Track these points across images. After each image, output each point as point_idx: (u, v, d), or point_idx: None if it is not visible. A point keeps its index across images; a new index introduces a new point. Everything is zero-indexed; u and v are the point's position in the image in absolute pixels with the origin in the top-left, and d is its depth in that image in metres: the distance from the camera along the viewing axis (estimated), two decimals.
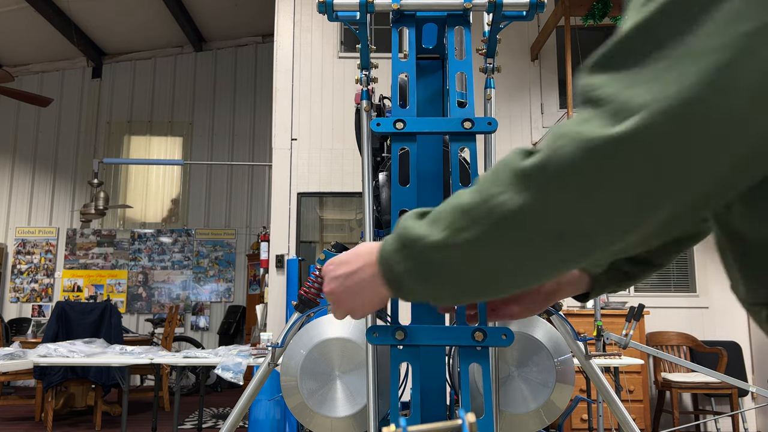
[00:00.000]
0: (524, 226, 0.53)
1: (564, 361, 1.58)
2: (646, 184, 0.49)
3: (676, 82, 0.47)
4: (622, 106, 0.49)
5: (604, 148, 0.49)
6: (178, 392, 4.06)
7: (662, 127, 0.47)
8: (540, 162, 0.52)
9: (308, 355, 1.56)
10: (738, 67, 0.46)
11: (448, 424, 0.45)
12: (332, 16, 1.53)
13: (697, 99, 0.47)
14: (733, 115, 0.47)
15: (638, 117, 0.48)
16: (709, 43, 0.47)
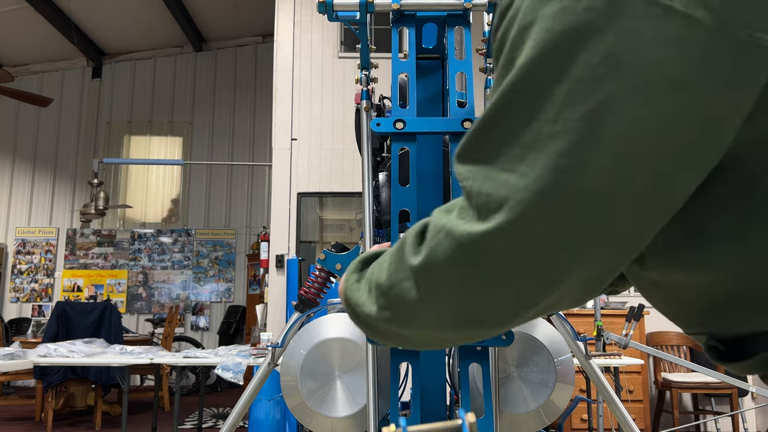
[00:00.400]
0: (424, 315, 0.56)
1: (564, 361, 1.58)
2: (523, 273, 0.49)
3: (528, 171, 0.46)
4: (485, 202, 0.48)
5: (475, 244, 0.48)
6: (178, 392, 4.06)
7: (525, 219, 0.46)
8: (423, 262, 0.53)
9: (308, 355, 1.56)
10: (584, 149, 0.45)
11: (448, 424, 0.45)
12: (332, 16, 1.53)
13: (549, 187, 0.45)
14: (588, 194, 0.45)
15: (501, 214, 0.47)
16: (555, 127, 0.45)
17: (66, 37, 8.39)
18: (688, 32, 0.43)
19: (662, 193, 0.46)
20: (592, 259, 0.48)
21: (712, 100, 0.44)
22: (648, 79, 0.43)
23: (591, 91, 0.44)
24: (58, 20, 7.95)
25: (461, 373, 1.32)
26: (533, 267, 0.48)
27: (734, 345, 0.59)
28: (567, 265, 0.48)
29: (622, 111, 0.44)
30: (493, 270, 0.49)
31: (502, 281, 0.49)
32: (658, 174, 0.45)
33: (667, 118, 0.44)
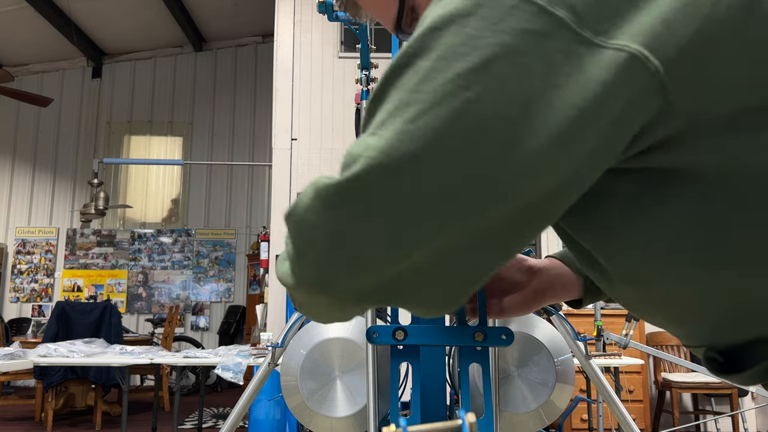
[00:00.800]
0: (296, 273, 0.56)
1: (564, 361, 1.58)
2: (366, 232, 0.48)
3: (383, 134, 0.47)
4: (345, 162, 0.49)
5: (325, 196, 0.50)
6: (178, 392, 4.06)
7: (367, 175, 0.47)
8: (288, 212, 0.54)
9: (308, 355, 1.56)
10: (429, 118, 0.46)
11: (449, 424, 0.45)
12: (332, 16, 1.53)
13: (391, 148, 0.46)
14: (426, 160, 0.46)
15: (349, 170, 0.48)
16: (412, 96, 0.48)
17: (66, 37, 8.40)
18: (545, 27, 0.46)
19: (502, 174, 0.46)
20: (429, 230, 0.47)
21: (561, 93, 0.46)
22: (500, 63, 0.46)
23: (448, 67, 0.47)
24: (58, 20, 7.95)
25: (461, 373, 1.32)
26: (374, 226, 0.48)
27: (733, 356, 0.58)
28: (410, 231, 0.48)
29: (471, 87, 0.46)
30: (337, 226, 0.49)
31: (346, 240, 0.49)
32: (493, 155, 0.46)
33: (512, 101, 0.46)
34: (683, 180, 0.52)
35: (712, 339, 0.59)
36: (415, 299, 0.53)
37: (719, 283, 0.53)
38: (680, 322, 0.60)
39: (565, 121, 0.46)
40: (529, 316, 1.64)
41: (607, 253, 0.59)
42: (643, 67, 0.46)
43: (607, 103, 0.46)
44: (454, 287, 0.52)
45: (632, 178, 0.54)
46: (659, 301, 0.59)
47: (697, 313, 0.57)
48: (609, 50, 0.46)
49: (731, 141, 0.50)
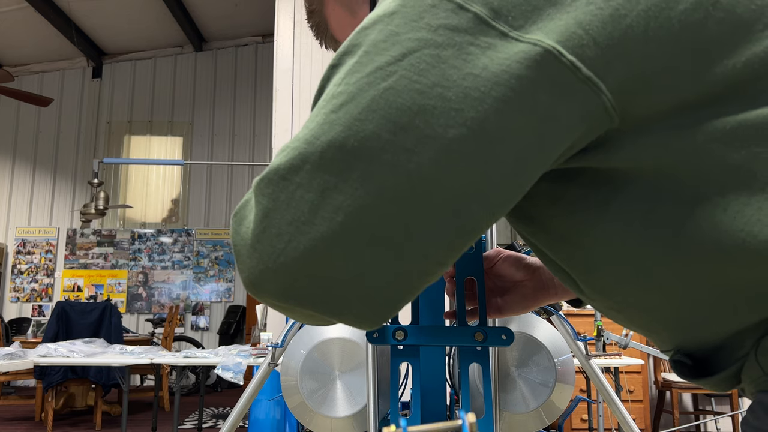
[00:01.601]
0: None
1: (564, 361, 1.58)
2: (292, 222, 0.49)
3: (309, 125, 0.50)
4: (278, 152, 0.52)
5: (250, 197, 0.52)
6: (178, 392, 4.06)
7: (289, 165, 0.49)
8: (233, 214, 0.56)
9: (308, 355, 1.56)
10: (351, 108, 0.48)
11: (449, 425, 0.45)
12: None
13: (313, 137, 0.48)
14: (348, 148, 0.47)
15: (276, 160, 0.50)
16: (337, 89, 0.50)
17: (66, 37, 8.40)
18: (461, 22, 0.48)
19: (420, 161, 0.47)
20: (337, 220, 0.48)
21: (475, 84, 0.47)
22: (417, 55, 0.48)
23: (370, 61, 0.49)
24: (58, 20, 7.95)
25: (461, 373, 1.32)
26: (295, 212, 0.48)
27: (702, 361, 0.58)
28: (314, 216, 0.48)
29: (388, 78, 0.48)
30: (260, 216, 0.50)
31: (266, 230, 0.49)
32: (411, 140, 0.47)
33: (427, 91, 0.47)
34: (625, 182, 0.52)
35: (680, 342, 0.59)
36: (337, 303, 0.51)
37: (676, 284, 0.53)
38: (648, 325, 0.60)
39: (480, 110, 0.46)
40: (529, 316, 1.64)
41: (565, 261, 0.59)
42: (558, 61, 0.46)
43: (523, 96, 0.46)
44: (381, 280, 0.50)
45: (577, 183, 0.54)
46: (626, 307, 0.58)
47: (661, 316, 0.57)
48: (522, 43, 0.47)
49: (669, 139, 0.50)
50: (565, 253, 0.58)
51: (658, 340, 0.62)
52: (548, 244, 0.60)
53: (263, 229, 0.49)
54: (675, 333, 0.58)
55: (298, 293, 0.50)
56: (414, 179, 0.47)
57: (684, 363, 0.59)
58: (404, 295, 0.51)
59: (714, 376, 0.56)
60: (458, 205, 0.48)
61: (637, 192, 0.52)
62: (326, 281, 0.49)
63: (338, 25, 0.84)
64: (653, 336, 0.61)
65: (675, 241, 0.52)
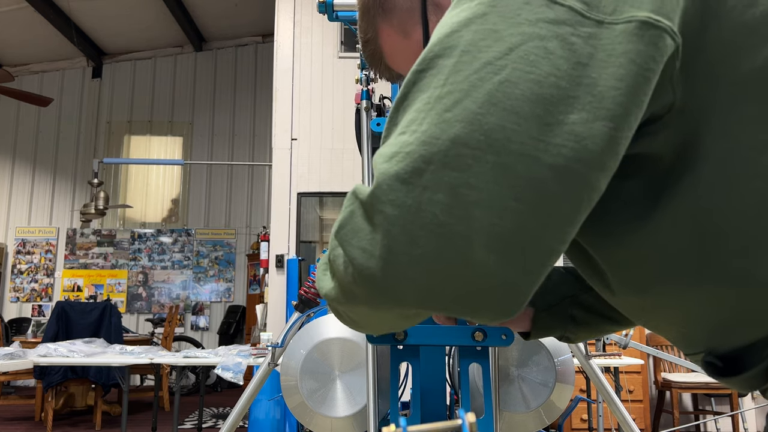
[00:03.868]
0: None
1: (564, 361, 1.58)
2: (415, 232, 0.48)
3: (418, 128, 0.50)
4: (378, 163, 0.51)
5: (365, 209, 0.51)
6: (178, 392, 4.06)
7: (411, 169, 0.48)
8: (336, 228, 0.54)
9: (308, 355, 1.56)
10: (467, 103, 0.48)
11: (448, 424, 0.45)
12: (332, 16, 1.53)
13: (433, 137, 0.48)
14: (471, 144, 0.47)
15: (390, 166, 0.49)
16: (443, 90, 0.50)
17: (66, 37, 8.39)
18: (558, 15, 0.49)
19: (540, 149, 0.48)
20: (475, 216, 0.47)
21: (587, 72, 0.49)
22: (524, 48, 0.49)
23: (474, 59, 0.50)
24: (58, 20, 7.95)
25: (461, 372, 1.32)
26: (422, 220, 0.48)
27: (731, 360, 0.59)
28: (448, 217, 0.48)
29: (500, 72, 0.48)
30: (388, 226, 0.49)
31: (397, 241, 0.49)
32: (536, 127, 0.48)
33: (543, 80, 0.48)
34: (679, 174, 0.53)
35: (711, 344, 0.59)
36: (475, 301, 0.50)
37: (721, 286, 0.54)
38: (681, 326, 0.60)
39: (595, 93, 0.48)
40: None
41: (606, 257, 0.59)
42: (655, 27, 0.49)
43: (633, 72, 0.49)
44: (520, 269, 0.50)
45: (634, 181, 0.55)
46: (660, 306, 0.59)
47: (699, 317, 0.57)
48: (619, 25, 0.49)
49: (723, 121, 0.52)
50: (608, 249, 0.59)
51: (687, 342, 0.62)
52: (592, 240, 0.60)
53: (394, 237, 0.48)
54: (711, 334, 0.58)
55: (438, 296, 0.50)
56: (543, 164, 0.47)
57: (715, 364, 0.60)
58: (534, 288, 0.51)
59: (741, 374, 0.57)
60: (585, 185, 0.49)
61: (691, 187, 0.53)
62: (466, 280, 0.49)
63: (392, 50, 0.84)
64: (683, 337, 0.62)
65: (725, 242, 0.53)
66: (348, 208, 0.53)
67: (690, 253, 0.54)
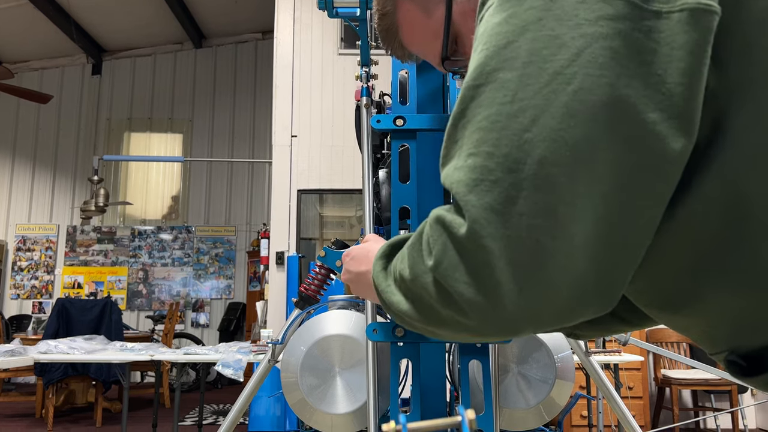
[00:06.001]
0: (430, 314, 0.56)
1: (564, 358, 1.58)
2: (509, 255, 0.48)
3: (495, 152, 0.49)
4: (458, 192, 0.50)
5: (463, 241, 0.50)
6: (178, 389, 4.07)
7: (502, 201, 0.48)
8: (434, 263, 0.53)
9: (308, 351, 1.56)
10: (546, 121, 0.47)
11: (448, 421, 0.46)
12: (332, 13, 1.53)
13: (517, 162, 0.48)
14: (559, 163, 0.47)
15: (479, 199, 0.49)
16: (512, 107, 0.49)
17: (66, 34, 8.38)
18: (617, 10, 0.48)
19: (633, 151, 0.48)
20: (575, 232, 0.48)
21: (653, 68, 0.48)
22: (590, 51, 0.48)
23: (540, 70, 0.48)
24: (57, 17, 7.94)
25: (461, 369, 1.33)
26: (525, 248, 0.48)
27: (754, 360, 0.58)
28: (550, 239, 0.48)
29: (572, 81, 0.47)
30: (491, 261, 0.49)
31: (503, 273, 0.49)
32: (619, 133, 0.47)
33: (615, 82, 0.47)
34: (709, 157, 0.52)
35: (735, 343, 0.59)
36: (587, 304, 0.51)
37: (748, 280, 0.53)
38: (705, 325, 0.60)
39: (664, 90, 0.48)
40: None
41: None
42: (706, 12, 0.49)
43: (696, 61, 0.48)
44: (611, 270, 0.51)
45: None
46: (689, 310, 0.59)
47: (724, 315, 0.57)
48: (675, 14, 0.48)
49: (755, 102, 0.51)
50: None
51: (711, 341, 0.62)
52: None
53: (501, 270, 0.48)
54: (735, 332, 0.58)
55: (551, 315, 0.50)
56: (632, 167, 0.47)
57: (738, 363, 0.60)
58: (629, 277, 0.52)
59: (765, 374, 0.57)
60: (668, 184, 0.50)
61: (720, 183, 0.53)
62: (577, 294, 0.50)
63: (410, 27, 0.82)
64: (706, 336, 0.61)
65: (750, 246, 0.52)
66: (438, 241, 0.52)
67: (720, 242, 0.53)
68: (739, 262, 0.53)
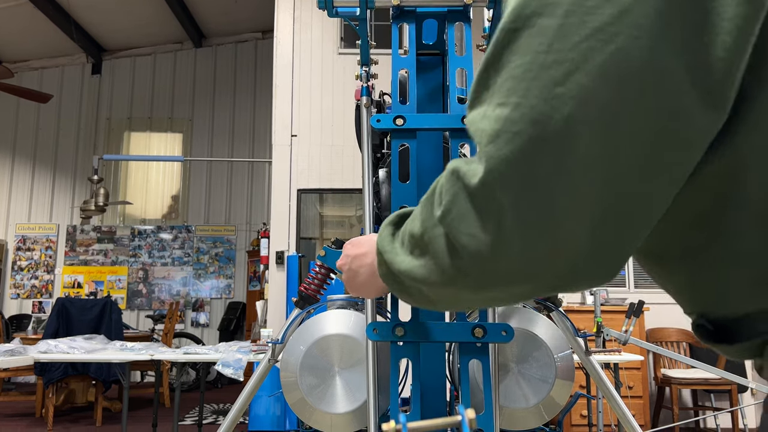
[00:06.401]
0: (448, 270, 0.54)
1: (564, 358, 1.58)
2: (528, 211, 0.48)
3: (523, 102, 0.47)
4: (482, 140, 0.49)
5: (480, 188, 0.49)
6: (178, 388, 4.07)
7: (521, 152, 0.46)
8: (443, 212, 0.52)
9: (308, 351, 1.56)
10: (578, 77, 0.46)
11: (448, 420, 0.45)
12: (332, 12, 1.53)
13: (544, 116, 0.46)
14: (584, 121, 0.46)
15: (498, 148, 0.47)
16: (547, 57, 0.47)
17: (65, 34, 8.38)
18: None
19: (660, 123, 0.46)
20: (590, 194, 0.47)
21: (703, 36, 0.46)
22: (636, 11, 0.46)
23: (582, 23, 0.46)
24: (57, 16, 7.94)
25: (461, 369, 1.32)
26: (536, 204, 0.47)
27: (723, 328, 0.58)
28: (562, 200, 0.47)
29: (613, 40, 0.45)
30: (500, 212, 0.48)
31: (510, 226, 0.48)
32: (650, 102, 0.46)
33: (660, 47, 0.45)
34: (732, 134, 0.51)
35: (702, 309, 0.59)
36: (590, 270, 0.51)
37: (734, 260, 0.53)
38: (681, 288, 0.61)
39: (711, 67, 0.46)
40: (529, 312, 1.64)
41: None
42: None
43: (742, 38, 0.46)
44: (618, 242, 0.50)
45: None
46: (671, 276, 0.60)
47: (704, 284, 0.57)
48: None
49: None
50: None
51: (684, 302, 0.62)
52: None
53: (509, 223, 0.48)
54: (705, 298, 0.58)
55: (550, 276, 0.50)
56: (661, 137, 0.46)
57: (706, 327, 0.60)
58: (633, 249, 0.52)
59: (735, 344, 0.56)
60: (690, 161, 0.49)
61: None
62: (581, 258, 0.49)
63: None
64: (680, 297, 0.62)
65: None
66: (450, 191, 0.51)
67: (716, 217, 0.52)
68: (729, 241, 0.53)
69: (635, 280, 5.56)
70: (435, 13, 1.56)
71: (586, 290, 0.54)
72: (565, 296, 5.35)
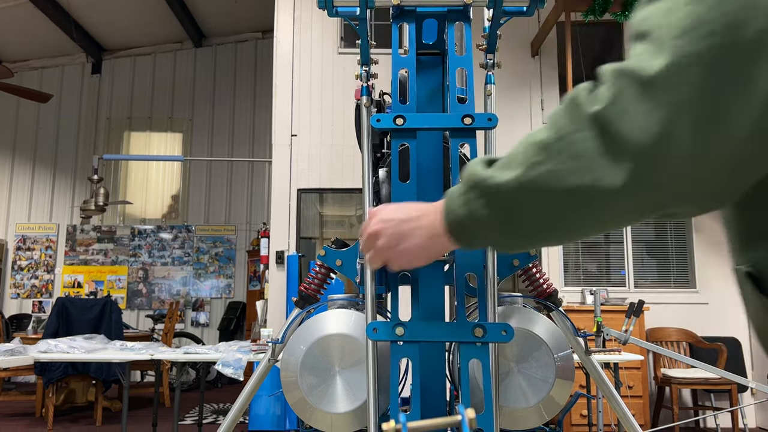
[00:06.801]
0: (595, 163, 0.54)
1: (564, 357, 1.58)
2: (702, 107, 0.48)
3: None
4: (658, 41, 0.49)
5: (652, 82, 0.49)
6: (178, 388, 4.07)
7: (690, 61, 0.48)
8: (604, 109, 0.52)
9: (308, 351, 1.56)
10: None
11: (448, 420, 0.45)
12: (332, 12, 1.53)
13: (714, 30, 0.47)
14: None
15: (677, 50, 0.48)
16: None
17: (65, 33, 8.38)
18: None
19: None
20: (756, 106, 0.48)
21: None
22: None
23: None
24: (57, 16, 7.94)
25: (461, 368, 1.33)
26: (713, 105, 0.48)
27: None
28: (730, 109, 0.48)
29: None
30: (678, 105, 0.48)
31: (682, 121, 0.48)
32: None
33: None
34: None
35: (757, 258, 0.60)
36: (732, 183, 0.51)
37: None
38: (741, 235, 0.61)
39: None
40: (529, 312, 1.64)
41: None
42: None
43: None
44: (751, 166, 0.51)
45: None
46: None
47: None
48: None
49: None
50: None
51: (742, 246, 0.62)
52: None
53: (682, 120, 0.48)
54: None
55: (698, 187, 0.51)
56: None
57: (755, 276, 0.60)
58: None
59: None
60: None
61: None
62: (726, 176, 0.51)
63: None
64: (741, 239, 0.62)
65: None
66: (615, 85, 0.51)
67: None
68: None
69: (635, 280, 5.56)
70: (435, 13, 1.56)
71: (705, 213, 0.54)
72: (565, 296, 5.35)
